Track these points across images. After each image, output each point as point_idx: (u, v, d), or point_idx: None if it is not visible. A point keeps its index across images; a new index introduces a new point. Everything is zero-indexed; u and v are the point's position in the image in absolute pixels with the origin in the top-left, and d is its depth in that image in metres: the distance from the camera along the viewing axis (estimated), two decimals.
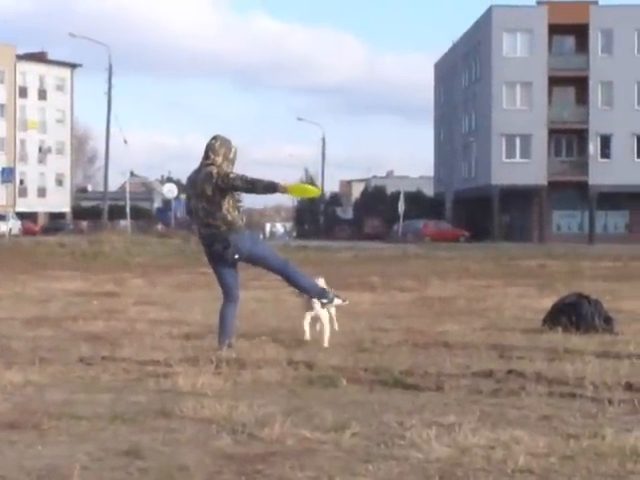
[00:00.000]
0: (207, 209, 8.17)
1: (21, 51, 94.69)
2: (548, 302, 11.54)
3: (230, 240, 8.18)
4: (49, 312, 12.09)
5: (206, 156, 8.19)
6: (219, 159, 8.13)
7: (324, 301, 8.67)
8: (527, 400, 6.34)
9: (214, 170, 8.07)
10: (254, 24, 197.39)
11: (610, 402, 6.19)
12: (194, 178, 8.29)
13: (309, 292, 8.65)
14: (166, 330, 9.98)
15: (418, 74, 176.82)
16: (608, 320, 10.33)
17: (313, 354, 8.20)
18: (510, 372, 7.36)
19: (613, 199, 65.90)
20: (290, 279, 8.57)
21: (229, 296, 8.46)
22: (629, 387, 6.75)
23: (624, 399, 6.31)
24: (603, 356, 8.24)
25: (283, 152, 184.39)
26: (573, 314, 10.22)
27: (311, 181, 75.13)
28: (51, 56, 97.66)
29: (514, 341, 9.31)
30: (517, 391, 6.62)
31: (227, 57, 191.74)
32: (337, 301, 8.95)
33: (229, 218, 8.19)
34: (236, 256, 8.24)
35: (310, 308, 8.85)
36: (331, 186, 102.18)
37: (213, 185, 8.06)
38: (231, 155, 8.23)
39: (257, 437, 5.20)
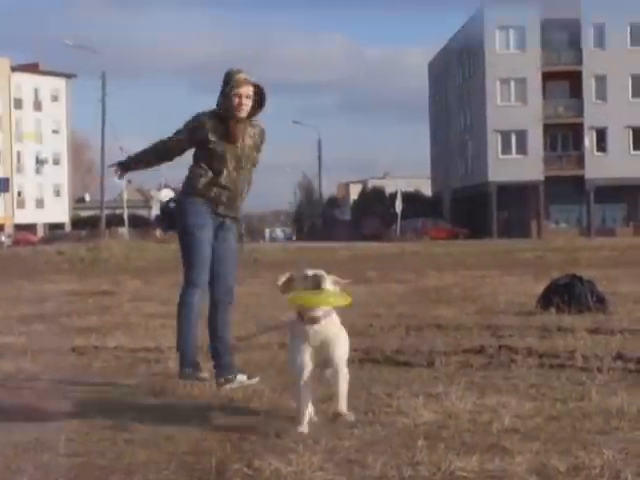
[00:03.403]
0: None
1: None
2: (543, 288, 11.52)
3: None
4: (44, 310, 12.08)
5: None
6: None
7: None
8: (517, 371, 6.35)
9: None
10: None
11: (599, 370, 6.20)
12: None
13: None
14: (159, 322, 9.99)
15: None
16: (601, 300, 10.32)
17: None
18: (501, 348, 7.38)
19: (610, 192, 65.82)
20: None
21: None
22: (619, 357, 6.75)
23: (614, 367, 6.33)
24: (595, 332, 8.25)
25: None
26: (566, 295, 10.24)
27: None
28: (43, 67, 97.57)
29: (507, 322, 9.31)
30: (507, 364, 6.65)
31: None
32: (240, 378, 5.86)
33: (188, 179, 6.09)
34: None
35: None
36: (328, 188, 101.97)
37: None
38: (227, 88, 5.86)
39: (244, 410, 5.21)
